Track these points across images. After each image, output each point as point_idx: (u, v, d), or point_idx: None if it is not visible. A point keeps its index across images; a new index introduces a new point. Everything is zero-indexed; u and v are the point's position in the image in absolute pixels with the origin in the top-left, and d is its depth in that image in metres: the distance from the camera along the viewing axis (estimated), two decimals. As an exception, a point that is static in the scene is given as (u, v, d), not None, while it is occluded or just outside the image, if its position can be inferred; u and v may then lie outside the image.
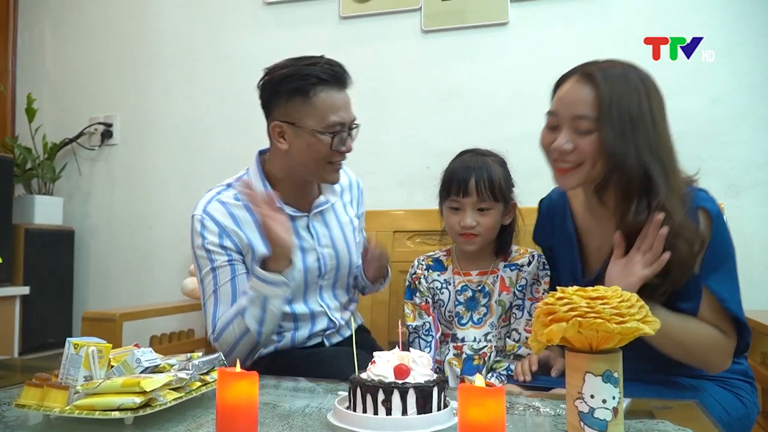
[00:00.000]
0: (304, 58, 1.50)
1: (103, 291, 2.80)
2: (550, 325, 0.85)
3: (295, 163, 1.53)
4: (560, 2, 2.31)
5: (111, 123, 2.81)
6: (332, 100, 1.47)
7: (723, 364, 1.28)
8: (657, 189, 1.20)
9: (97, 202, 2.85)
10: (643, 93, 1.23)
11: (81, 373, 1.00)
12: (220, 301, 1.50)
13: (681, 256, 1.20)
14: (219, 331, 1.48)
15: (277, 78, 1.48)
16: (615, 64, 1.27)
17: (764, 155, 2.10)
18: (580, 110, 1.24)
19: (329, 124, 1.46)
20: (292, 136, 1.49)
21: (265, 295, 1.45)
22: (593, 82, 1.23)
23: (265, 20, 2.65)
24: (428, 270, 1.64)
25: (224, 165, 2.65)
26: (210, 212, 1.53)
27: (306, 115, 1.46)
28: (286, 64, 1.49)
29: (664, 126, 1.26)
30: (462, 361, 1.54)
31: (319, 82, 1.45)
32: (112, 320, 1.88)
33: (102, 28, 2.87)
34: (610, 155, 1.21)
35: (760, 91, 2.13)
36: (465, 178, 1.52)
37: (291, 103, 1.47)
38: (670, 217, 1.19)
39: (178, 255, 2.68)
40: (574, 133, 1.25)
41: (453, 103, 2.40)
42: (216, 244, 1.50)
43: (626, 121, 1.21)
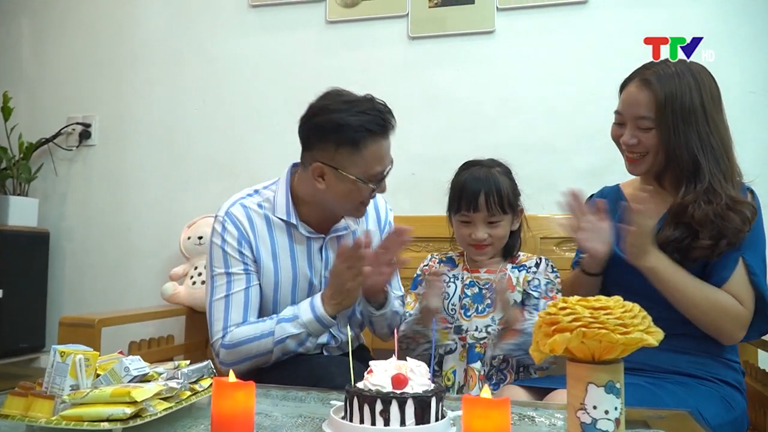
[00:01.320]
0: (355, 102, 1.46)
1: (78, 295, 2.73)
2: (553, 335, 0.85)
3: (327, 200, 1.53)
4: (546, 12, 2.32)
5: (89, 123, 2.75)
6: (380, 151, 1.47)
7: (735, 334, 1.40)
8: (703, 175, 1.38)
9: (74, 204, 2.78)
10: (695, 89, 1.40)
11: (67, 382, 0.97)
12: (231, 307, 1.51)
13: (734, 225, 1.35)
14: (234, 342, 1.49)
15: (327, 124, 1.45)
16: (669, 65, 1.44)
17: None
18: (641, 111, 1.44)
19: (373, 173, 1.48)
20: (333, 179, 1.48)
21: (311, 333, 1.50)
22: (650, 87, 1.42)
23: (249, 23, 2.62)
24: (440, 264, 1.72)
25: (206, 167, 2.62)
26: (232, 215, 1.55)
27: (352, 165, 1.45)
28: (338, 108, 1.45)
29: (718, 115, 1.43)
30: (466, 350, 1.58)
31: (370, 134, 1.44)
32: (91, 326, 1.83)
33: (81, 26, 2.81)
34: (666, 148, 1.42)
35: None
36: (475, 193, 1.58)
37: (339, 152, 1.45)
38: (717, 194, 1.36)
39: (158, 259, 2.63)
40: (637, 130, 1.45)
41: (439, 110, 2.40)
42: (235, 249, 1.53)
43: (679, 117, 1.39)
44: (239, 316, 1.52)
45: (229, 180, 2.57)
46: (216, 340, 1.51)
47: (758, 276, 1.38)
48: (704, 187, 1.37)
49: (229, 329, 1.50)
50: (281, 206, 1.56)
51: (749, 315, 1.38)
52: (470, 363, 1.57)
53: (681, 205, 1.39)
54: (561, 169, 2.26)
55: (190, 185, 2.64)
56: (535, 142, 2.29)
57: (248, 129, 2.59)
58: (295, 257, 1.58)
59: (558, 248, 2.13)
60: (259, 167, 2.54)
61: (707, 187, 1.37)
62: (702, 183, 1.38)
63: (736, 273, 1.38)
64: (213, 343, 1.52)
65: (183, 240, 2.40)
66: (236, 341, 1.49)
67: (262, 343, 1.48)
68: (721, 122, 1.43)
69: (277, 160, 2.50)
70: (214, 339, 1.52)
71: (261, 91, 2.59)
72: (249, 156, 2.58)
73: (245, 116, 2.60)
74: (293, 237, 1.58)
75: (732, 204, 1.36)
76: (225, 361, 1.49)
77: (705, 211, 1.35)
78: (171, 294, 2.29)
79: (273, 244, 1.56)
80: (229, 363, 1.47)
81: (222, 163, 2.61)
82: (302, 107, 2.44)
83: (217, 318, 1.52)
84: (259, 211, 1.57)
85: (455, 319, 1.62)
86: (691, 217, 1.37)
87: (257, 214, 1.56)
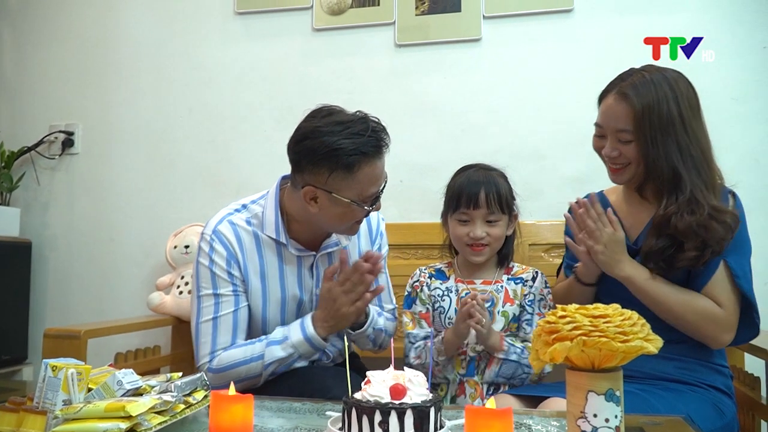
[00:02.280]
0: (349, 123, 1.39)
1: (62, 306, 2.69)
2: (553, 344, 0.85)
3: (319, 221, 1.48)
4: (532, 20, 2.34)
5: (72, 131, 2.71)
6: (374, 172, 1.42)
7: (720, 337, 1.40)
8: (685, 186, 1.39)
9: (56, 214, 2.74)
10: (672, 99, 1.40)
11: (60, 396, 0.95)
12: (219, 330, 1.49)
13: (718, 235, 1.35)
14: (222, 366, 1.47)
15: (320, 148, 1.37)
16: (646, 76, 1.42)
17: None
18: (620, 125, 1.43)
19: (368, 195, 1.43)
20: (327, 202, 1.42)
21: (301, 355, 1.49)
22: (628, 100, 1.41)
23: (235, 30, 2.60)
24: (431, 278, 1.69)
25: (192, 176, 2.60)
26: (220, 234, 1.51)
27: (346, 188, 1.40)
28: (330, 131, 1.38)
29: (696, 122, 1.43)
30: (466, 364, 1.58)
31: (364, 156, 1.38)
32: (77, 337, 1.80)
33: (64, 33, 2.78)
34: (646, 161, 1.42)
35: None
36: (475, 191, 1.59)
37: (333, 176, 1.39)
38: (700, 205, 1.36)
39: (142, 269, 2.60)
40: (618, 142, 1.45)
41: (426, 118, 2.40)
42: (224, 270, 1.49)
43: (657, 129, 1.39)
44: (227, 339, 1.49)
45: (216, 188, 2.56)
46: (203, 363, 1.48)
47: (742, 278, 1.39)
48: (686, 198, 1.37)
49: (216, 353, 1.48)
50: (270, 224, 1.52)
51: (731, 317, 1.39)
52: (469, 376, 1.57)
53: (664, 216, 1.39)
54: (548, 176, 2.28)
55: (175, 194, 2.61)
56: (522, 150, 2.30)
57: (234, 137, 2.58)
58: (284, 276, 1.55)
59: (546, 255, 2.14)
60: (245, 175, 2.54)
61: (689, 197, 1.37)
62: (684, 194, 1.38)
63: (716, 277, 1.39)
64: (199, 366, 1.49)
65: (169, 249, 2.37)
66: (224, 365, 1.47)
67: (251, 366, 1.46)
68: (699, 129, 1.43)
69: (264, 168, 2.53)
70: (201, 362, 1.49)
71: (247, 99, 2.57)
72: (235, 164, 2.56)
73: (231, 124, 2.59)
74: (283, 256, 1.55)
75: (715, 213, 1.36)
76: (212, 385, 1.47)
77: (688, 222, 1.35)
78: (157, 304, 2.26)
79: (262, 263, 1.53)
80: (216, 387, 1.44)
81: (208, 171, 2.59)
82: (289, 115, 2.48)
83: (204, 341, 1.49)
84: (247, 228, 1.53)
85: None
86: (674, 229, 1.37)
87: (246, 232, 1.53)
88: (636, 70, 1.47)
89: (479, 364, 1.57)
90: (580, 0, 2.30)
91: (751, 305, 1.40)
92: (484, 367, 1.56)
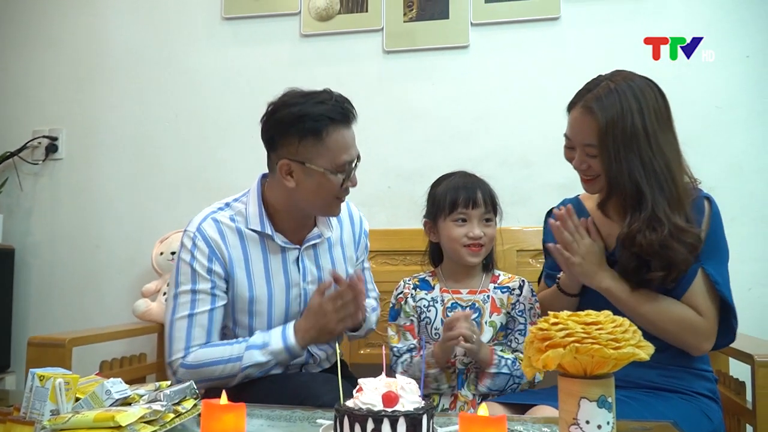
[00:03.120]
0: (313, 94, 1.47)
1: (45, 314, 2.65)
2: (545, 351, 0.85)
3: (299, 199, 1.50)
4: (519, 27, 2.36)
5: (56, 137, 2.68)
6: (344, 139, 1.46)
7: (701, 345, 1.40)
8: (646, 203, 1.35)
9: (40, 220, 2.70)
10: (637, 111, 1.36)
11: (47, 407, 0.94)
12: (194, 327, 1.48)
13: (681, 256, 1.32)
14: (197, 363, 1.46)
15: (287, 117, 1.44)
16: (611, 87, 1.39)
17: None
18: (586, 139, 1.41)
19: (340, 163, 1.46)
20: (302, 174, 1.46)
21: (278, 362, 1.49)
22: (592, 114, 1.38)
23: (222, 35, 2.59)
24: (415, 289, 1.68)
25: (178, 181, 2.58)
26: (203, 230, 1.51)
27: (318, 156, 1.44)
28: (295, 102, 1.45)
29: (663, 135, 1.38)
30: (455, 376, 1.57)
31: (331, 122, 1.43)
32: (61, 345, 1.78)
33: (48, 37, 2.75)
34: (609, 176, 1.39)
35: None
36: (473, 191, 1.60)
37: (303, 144, 1.44)
38: (661, 223, 1.33)
39: (127, 276, 2.58)
40: (586, 156, 1.43)
41: (414, 124, 2.41)
42: (204, 267, 1.49)
43: (620, 144, 1.36)
44: (202, 337, 1.49)
45: (202, 194, 2.53)
46: (176, 359, 1.48)
47: (721, 284, 1.38)
48: (648, 215, 1.34)
49: (191, 349, 1.47)
50: (254, 217, 1.53)
51: (711, 326, 1.38)
52: (459, 389, 1.56)
53: (628, 234, 1.36)
54: (535, 182, 2.29)
55: (161, 200, 2.59)
56: (510, 156, 2.32)
57: (221, 142, 2.56)
58: (269, 270, 1.55)
59: (534, 261, 2.15)
60: (232, 181, 2.50)
61: (651, 215, 1.34)
62: (645, 211, 1.35)
63: (695, 285, 1.38)
64: (171, 361, 1.49)
65: (155, 255, 2.35)
66: (200, 362, 1.46)
67: (228, 367, 1.46)
68: (666, 142, 1.39)
69: (251, 173, 2.46)
70: (174, 357, 1.48)
71: (234, 105, 2.56)
72: (222, 170, 2.54)
73: (218, 130, 2.57)
74: (267, 249, 1.55)
75: (676, 233, 1.33)
76: (183, 381, 1.47)
77: (650, 241, 1.33)
78: (143, 311, 2.24)
79: (246, 258, 1.53)
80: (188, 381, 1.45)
81: (195, 177, 2.57)
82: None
83: (178, 337, 1.48)
84: (231, 224, 1.54)
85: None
86: (639, 247, 1.34)
87: (229, 229, 1.53)
88: (603, 78, 1.44)
89: (468, 376, 1.57)
90: (566, 8, 2.32)
91: (730, 310, 1.40)
92: (474, 378, 1.56)
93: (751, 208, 2.16)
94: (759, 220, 2.15)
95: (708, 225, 1.40)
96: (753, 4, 2.23)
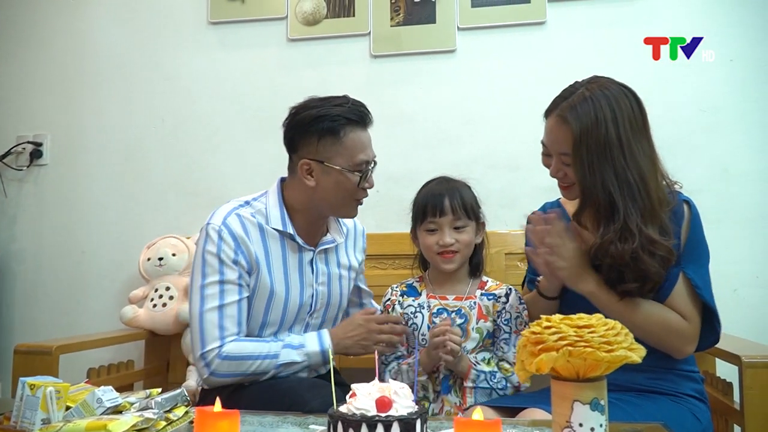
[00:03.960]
0: (331, 98, 1.56)
1: (30, 321, 2.62)
2: (539, 355, 0.86)
3: (318, 199, 1.56)
4: (506, 32, 2.37)
5: (41, 142, 2.66)
6: (360, 139, 1.54)
7: (684, 348, 1.40)
8: (619, 214, 1.33)
9: (24, 226, 2.68)
10: (611, 120, 1.34)
11: (38, 416, 0.93)
12: (225, 317, 1.50)
13: (649, 269, 1.32)
14: (235, 354, 1.48)
15: (307, 118, 1.52)
16: (585, 95, 1.38)
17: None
18: (562, 148, 1.41)
19: (357, 162, 1.53)
20: (321, 173, 1.53)
21: (311, 365, 1.56)
22: (567, 123, 1.37)
23: (209, 40, 2.59)
24: (403, 296, 1.67)
25: (165, 187, 2.57)
26: (228, 224, 1.54)
27: (336, 155, 1.52)
28: (315, 105, 1.54)
29: (637, 143, 1.37)
30: (440, 381, 1.57)
31: (348, 122, 1.52)
32: (48, 353, 1.77)
33: (32, 41, 2.73)
34: (582, 187, 1.38)
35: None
36: (440, 199, 1.60)
37: (322, 143, 1.51)
38: (632, 234, 1.32)
39: (114, 282, 2.56)
40: (562, 164, 1.43)
41: (402, 128, 2.41)
42: (230, 258, 1.51)
43: (594, 154, 1.35)
44: (233, 327, 1.50)
45: (189, 199, 2.53)
46: (211, 349, 1.47)
47: (702, 288, 1.37)
48: (620, 227, 1.33)
49: (226, 339, 1.48)
50: (275, 217, 1.58)
51: (694, 329, 1.39)
52: (444, 394, 1.56)
53: (601, 245, 1.36)
54: (523, 185, 2.30)
55: (148, 205, 2.58)
56: (498, 159, 2.33)
57: (208, 147, 2.55)
58: (288, 267, 1.59)
59: (522, 264, 2.15)
60: (219, 186, 2.51)
61: (623, 226, 1.33)
62: (618, 222, 1.34)
63: (677, 290, 1.38)
64: (206, 352, 1.47)
65: (142, 261, 2.33)
66: (238, 354, 1.48)
67: (264, 362, 1.50)
68: (641, 151, 1.37)
69: (238, 178, 2.51)
70: (208, 348, 1.47)
71: (221, 110, 2.56)
72: (209, 174, 2.54)
73: (205, 135, 2.57)
74: (286, 247, 1.59)
75: (648, 245, 1.32)
76: (218, 372, 1.47)
77: (621, 252, 1.32)
78: (131, 317, 2.22)
79: (267, 254, 1.57)
80: (222, 374, 1.47)
81: (181, 181, 2.56)
82: (263, 125, 2.47)
83: (212, 327, 1.48)
84: (253, 220, 1.57)
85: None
86: (612, 258, 1.34)
87: (252, 224, 1.56)
88: (579, 85, 1.43)
89: (455, 381, 1.57)
90: (552, 13, 2.34)
91: (713, 313, 1.40)
92: (460, 384, 1.56)
93: (735, 210, 2.18)
94: (744, 222, 2.17)
95: (688, 229, 1.40)
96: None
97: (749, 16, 2.23)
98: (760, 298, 2.13)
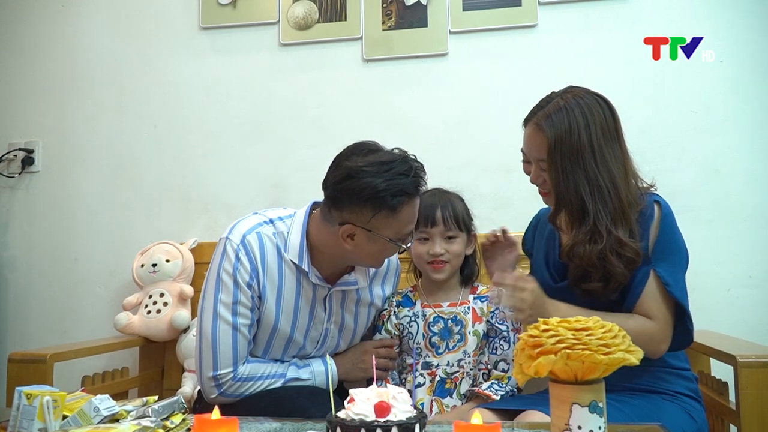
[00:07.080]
0: (392, 162, 1.40)
1: (23, 329, 2.60)
2: (537, 358, 0.86)
3: (351, 255, 1.48)
4: (497, 35, 2.38)
5: (32, 149, 2.64)
6: (413, 212, 1.45)
7: (656, 350, 1.39)
8: (589, 216, 1.39)
9: (16, 233, 2.66)
10: (583, 127, 1.40)
11: (35, 425, 0.92)
12: (239, 340, 1.48)
13: (615, 270, 1.36)
14: (247, 377, 1.49)
15: (366, 191, 1.37)
16: (560, 104, 1.43)
17: (706, 172, 2.21)
18: (539, 155, 1.46)
19: (406, 233, 1.46)
20: (365, 240, 1.43)
21: (316, 384, 1.56)
22: (542, 131, 1.42)
23: (200, 45, 2.58)
24: (398, 306, 1.71)
25: (158, 193, 2.56)
26: (248, 246, 1.49)
27: (386, 227, 1.42)
28: (374, 172, 1.37)
29: (609, 149, 1.42)
30: (435, 384, 1.60)
31: (407, 197, 1.40)
32: (43, 361, 1.76)
33: (22, 47, 2.71)
34: (557, 192, 1.43)
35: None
36: (432, 210, 1.63)
37: (376, 216, 1.39)
38: (601, 235, 1.36)
39: (107, 289, 2.55)
40: (540, 170, 1.48)
41: (394, 132, 2.40)
42: (245, 281, 1.48)
43: (567, 160, 1.40)
44: (245, 351, 1.50)
45: (183, 205, 2.52)
46: (226, 372, 1.46)
47: (673, 286, 1.38)
48: (589, 228, 1.38)
49: (239, 363, 1.48)
50: (294, 248, 1.51)
51: (665, 328, 1.39)
52: (438, 396, 1.59)
53: (571, 247, 1.41)
54: (515, 188, 2.30)
55: (141, 211, 2.57)
56: (490, 162, 2.33)
57: (201, 153, 2.55)
58: (299, 303, 1.55)
59: (516, 266, 2.16)
60: (212, 192, 2.51)
61: (592, 227, 1.38)
62: (588, 224, 1.39)
63: (648, 288, 1.39)
64: (219, 375, 1.46)
65: (136, 268, 2.32)
66: (250, 376, 1.49)
67: (272, 381, 1.51)
68: (612, 156, 1.41)
69: (232, 184, 2.50)
70: (223, 371, 1.46)
71: (213, 115, 2.55)
72: (202, 180, 2.53)
73: (198, 140, 2.56)
74: (301, 281, 1.54)
75: (616, 246, 1.36)
76: (228, 392, 1.47)
77: (589, 253, 1.37)
78: (125, 324, 2.21)
79: (280, 284, 1.52)
80: (231, 394, 1.47)
81: (175, 188, 2.55)
82: (256, 130, 2.48)
83: (226, 349, 1.46)
84: (273, 240, 1.52)
85: (423, 356, 1.63)
86: (579, 258, 1.38)
87: (271, 245, 1.51)
88: (555, 95, 1.48)
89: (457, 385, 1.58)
90: (543, 16, 2.35)
91: (685, 312, 1.40)
92: (453, 389, 1.58)
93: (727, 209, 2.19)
94: (736, 221, 2.18)
95: (658, 228, 1.41)
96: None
97: (749, 16, 2.24)
98: (754, 297, 2.14)
